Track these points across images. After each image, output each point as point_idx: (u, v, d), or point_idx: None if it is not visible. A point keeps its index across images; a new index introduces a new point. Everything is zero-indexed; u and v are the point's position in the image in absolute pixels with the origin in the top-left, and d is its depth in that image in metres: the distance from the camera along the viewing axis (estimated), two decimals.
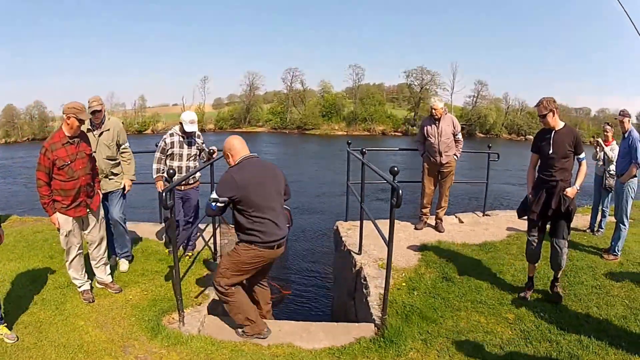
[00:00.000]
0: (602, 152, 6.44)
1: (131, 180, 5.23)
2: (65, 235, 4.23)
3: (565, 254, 4.48)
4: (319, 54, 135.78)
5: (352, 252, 5.72)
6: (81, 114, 3.98)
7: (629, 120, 5.65)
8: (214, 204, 3.66)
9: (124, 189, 5.11)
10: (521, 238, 6.13)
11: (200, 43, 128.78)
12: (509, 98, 71.36)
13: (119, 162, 5.10)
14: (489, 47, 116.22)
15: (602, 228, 6.63)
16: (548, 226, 4.59)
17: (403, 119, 70.77)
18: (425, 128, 6.46)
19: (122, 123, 5.35)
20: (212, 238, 5.71)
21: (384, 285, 4.09)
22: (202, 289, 4.77)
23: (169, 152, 5.44)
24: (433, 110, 6.34)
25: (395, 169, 4.09)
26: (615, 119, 5.81)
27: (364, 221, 5.60)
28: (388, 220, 3.90)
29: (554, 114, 4.34)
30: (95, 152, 4.64)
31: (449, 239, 6.29)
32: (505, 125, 68.57)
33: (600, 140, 6.57)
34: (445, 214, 6.92)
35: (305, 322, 4.24)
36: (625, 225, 5.68)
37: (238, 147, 3.87)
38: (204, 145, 5.65)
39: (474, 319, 4.23)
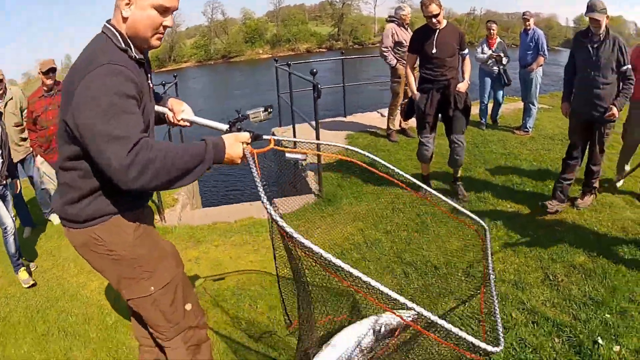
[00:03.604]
0: (490, 51, 6.89)
1: None
2: (41, 176, 4.87)
3: (464, 148, 4.65)
4: None
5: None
6: (43, 66, 4.45)
7: (532, 20, 6.54)
8: None
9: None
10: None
11: None
12: None
13: (24, 128, 4.98)
14: None
15: (497, 117, 7.32)
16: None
17: (327, 35, 70.43)
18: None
19: None
20: None
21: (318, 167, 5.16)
22: (174, 195, 5.62)
23: None
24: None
25: (314, 70, 4.96)
26: (523, 18, 6.58)
27: (296, 125, 6.49)
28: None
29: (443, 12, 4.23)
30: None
31: (373, 130, 7.34)
32: None
33: (485, 40, 6.99)
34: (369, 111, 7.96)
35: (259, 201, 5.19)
36: (535, 106, 6.67)
37: None
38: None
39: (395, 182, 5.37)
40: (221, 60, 67.61)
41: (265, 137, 1.91)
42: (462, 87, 4.38)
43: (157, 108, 2.08)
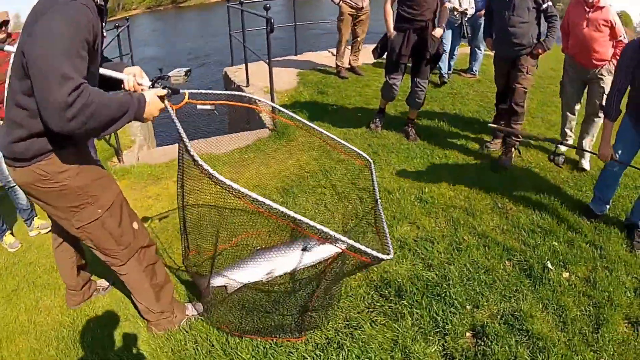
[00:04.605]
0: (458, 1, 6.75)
1: None
2: None
3: (425, 93, 4.71)
4: None
5: (241, 87, 6.57)
6: None
7: None
8: None
9: None
10: None
11: None
12: None
13: None
14: None
15: (449, 70, 7.02)
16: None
17: None
18: None
19: None
20: None
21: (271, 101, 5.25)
22: (131, 137, 5.67)
23: None
24: None
25: (267, 5, 4.95)
26: None
27: (249, 63, 6.55)
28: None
29: None
30: None
31: (323, 68, 7.45)
32: None
33: None
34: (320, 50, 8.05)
35: (214, 136, 5.24)
36: (481, 50, 6.74)
37: None
38: None
39: (345, 115, 5.60)
40: (171, 6, 64.48)
41: (182, 91, 2.16)
42: (437, 32, 4.36)
43: (115, 74, 2.14)
